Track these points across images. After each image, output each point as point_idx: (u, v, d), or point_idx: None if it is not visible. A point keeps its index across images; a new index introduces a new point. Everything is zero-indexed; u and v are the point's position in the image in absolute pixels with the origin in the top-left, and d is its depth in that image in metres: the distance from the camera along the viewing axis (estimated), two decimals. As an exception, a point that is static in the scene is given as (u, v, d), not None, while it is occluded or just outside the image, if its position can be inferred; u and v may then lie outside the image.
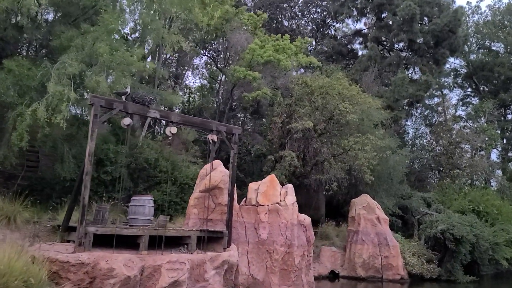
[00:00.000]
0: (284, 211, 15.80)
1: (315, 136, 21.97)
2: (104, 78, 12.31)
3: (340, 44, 40.16)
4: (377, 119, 27.87)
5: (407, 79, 34.30)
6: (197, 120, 14.75)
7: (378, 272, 22.10)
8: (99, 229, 12.25)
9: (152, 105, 13.19)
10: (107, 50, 12.53)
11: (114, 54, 12.72)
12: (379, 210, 23.47)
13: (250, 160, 24.93)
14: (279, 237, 15.38)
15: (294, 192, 16.65)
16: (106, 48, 12.49)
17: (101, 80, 12.06)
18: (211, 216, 15.58)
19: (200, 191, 15.41)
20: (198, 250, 14.25)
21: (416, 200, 29.71)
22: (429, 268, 23.30)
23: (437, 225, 23.85)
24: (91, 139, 12.01)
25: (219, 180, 15.58)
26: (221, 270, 14.05)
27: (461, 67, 47.52)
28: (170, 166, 18.11)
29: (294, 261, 15.41)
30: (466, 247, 23.43)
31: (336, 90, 22.14)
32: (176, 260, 12.70)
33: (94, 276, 11.27)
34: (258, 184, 16.61)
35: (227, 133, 15.10)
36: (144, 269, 12.19)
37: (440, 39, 36.27)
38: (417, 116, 43.78)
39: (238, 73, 21.89)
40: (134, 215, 14.54)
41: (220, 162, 16.38)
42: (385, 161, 26.77)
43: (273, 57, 22.52)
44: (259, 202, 16.04)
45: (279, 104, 22.63)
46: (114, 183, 16.83)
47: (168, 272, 12.41)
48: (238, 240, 15.46)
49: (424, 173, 36.83)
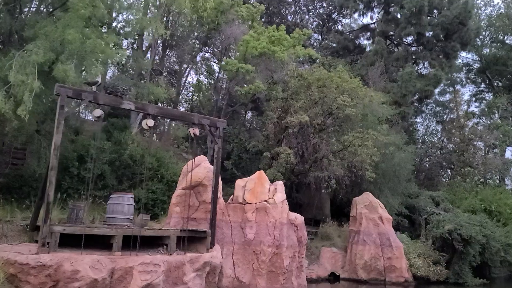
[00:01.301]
0: (273, 209, 14.82)
1: (312, 132, 20.90)
2: (72, 67, 11.48)
3: (346, 39, 38.88)
4: (381, 115, 26.73)
5: (415, 73, 32.96)
6: (176, 112, 13.91)
7: (381, 274, 20.97)
8: (67, 228, 11.45)
9: (126, 96, 12.37)
10: (77, 37, 11.71)
11: (86, 42, 11.89)
12: (382, 209, 22.33)
13: (247, 158, 23.97)
14: (266, 237, 14.41)
15: (284, 189, 15.64)
16: (76, 35, 11.67)
17: (68, 69, 11.23)
18: (195, 215, 14.72)
19: (182, 188, 14.55)
20: (179, 251, 13.39)
21: (424, 199, 28.48)
22: (436, 270, 22.09)
23: (444, 225, 22.61)
24: (56, 131, 11.26)
25: (203, 176, 14.69)
26: (203, 272, 13.17)
27: (474, 62, 45.90)
28: (156, 163, 17.25)
29: (283, 263, 14.41)
30: (475, 248, 22.19)
31: (335, 83, 21.02)
32: (150, 262, 11.84)
33: (57, 279, 10.47)
34: (246, 180, 15.67)
35: (211, 126, 14.22)
36: (115, 272, 11.36)
37: (450, 32, 34.86)
38: (427, 112, 42.30)
39: (230, 66, 20.94)
40: (112, 213, 13.76)
41: (205, 157, 15.51)
42: (390, 158, 25.60)
43: (267, 49, 21.47)
44: (246, 200, 15.09)
45: (275, 98, 21.61)
46: (96, 180, 16.07)
47: (140, 275, 11.56)
48: (223, 240, 14.53)
49: (434, 171, 35.43)
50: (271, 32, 22.56)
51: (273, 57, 21.74)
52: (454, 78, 46.12)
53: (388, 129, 28.54)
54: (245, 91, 20.84)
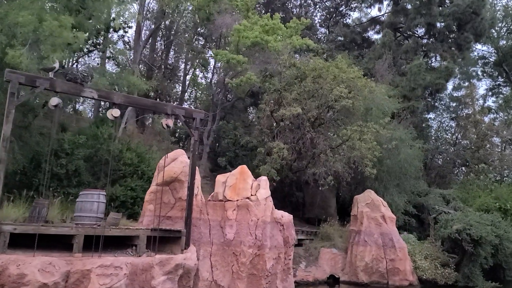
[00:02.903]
0: (255, 207, 13.62)
1: (308, 125, 19.62)
2: (25, 52, 10.50)
3: (353, 32, 37.41)
4: (387, 109, 25.31)
5: (424, 65, 31.37)
6: (147, 102, 12.79)
7: (383, 277, 19.63)
8: (18, 227, 10.43)
9: (86, 83, 11.35)
10: (31, 20, 10.73)
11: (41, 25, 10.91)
12: (385, 208, 20.96)
13: (243, 154, 22.82)
14: (247, 237, 13.22)
15: (268, 185, 14.42)
16: (30, 17, 10.69)
17: (18, 55, 10.25)
18: (171, 213, 13.63)
19: (156, 185, 13.44)
20: (150, 252, 12.32)
21: (434, 197, 27.04)
22: (444, 273, 20.71)
23: (452, 224, 21.11)
24: (6, 121, 10.32)
25: (179, 171, 13.57)
26: (175, 275, 12.06)
27: (490, 54, 43.95)
28: (136, 159, 16.22)
29: (266, 265, 13.20)
30: (486, 249, 20.69)
31: (331, 73, 19.68)
32: (110, 264, 10.79)
33: (2, 283, 9.49)
34: (227, 176, 14.49)
35: (187, 117, 13.13)
36: (70, 275, 10.33)
37: (462, 22, 33.22)
38: (440, 108, 40.56)
39: (221, 57, 19.78)
40: (80, 212, 12.72)
41: (183, 151, 14.37)
42: (396, 154, 24.20)
43: (260, 39, 20.22)
44: (226, 197, 13.92)
45: (269, 90, 20.38)
46: (70, 177, 15.11)
47: (99, 278, 10.51)
48: (201, 241, 13.39)
49: (446, 169, 33.75)
50: (264, 20, 21.27)
51: (267, 47, 20.48)
52: (470, 72, 44.32)
53: (396, 124, 27.14)
54: (237, 84, 19.66)
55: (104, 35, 19.17)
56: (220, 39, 23.46)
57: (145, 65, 26.27)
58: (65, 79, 11.24)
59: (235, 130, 23.05)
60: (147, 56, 28.00)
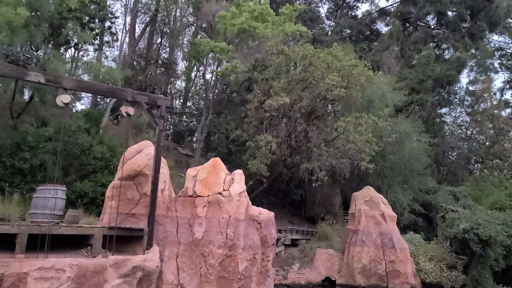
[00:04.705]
0: (227, 203, 12.36)
1: (298, 117, 18.25)
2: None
3: (360, 24, 35.79)
4: (390, 101, 23.74)
5: (433, 56, 29.58)
6: (102, 87, 11.65)
7: (382, 280, 18.19)
8: None
9: (30, 66, 10.28)
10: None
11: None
12: (385, 206, 19.48)
13: (236, 150, 21.56)
14: (217, 236, 11.97)
15: (243, 179, 13.14)
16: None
17: None
18: (135, 210, 12.48)
19: (118, 179, 12.29)
20: (107, 252, 11.19)
21: (443, 195, 25.37)
22: (450, 276, 19.12)
23: (458, 223, 19.46)
24: None
25: (143, 165, 12.43)
26: (132, 278, 10.90)
27: (507, 46, 41.76)
28: (108, 152, 15.13)
29: (238, 267, 11.93)
30: (496, 251, 18.99)
31: (323, 61, 18.26)
32: (51, 266, 9.68)
33: None
34: (197, 169, 13.27)
35: (150, 104, 11.97)
36: (4, 279, 9.25)
37: (475, 10, 31.43)
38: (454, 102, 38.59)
39: (203, 46, 18.57)
40: (35, 209, 11.71)
41: (150, 142, 13.20)
42: (400, 148, 22.65)
43: (247, 25, 18.90)
44: (196, 192, 12.71)
45: (257, 80, 19.08)
46: (35, 172, 14.10)
47: (36, 282, 9.42)
48: (166, 240, 12.21)
49: (459, 165, 31.89)
50: (252, 6, 19.92)
51: (255, 35, 19.17)
52: (487, 64, 42.20)
53: (403, 118, 25.56)
54: (222, 72, 18.41)
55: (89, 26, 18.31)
56: (211, 28, 22.25)
57: (138, 57, 25.30)
58: (6, 61, 10.23)
59: (227, 124, 21.80)
60: (142, 50, 27.08)
